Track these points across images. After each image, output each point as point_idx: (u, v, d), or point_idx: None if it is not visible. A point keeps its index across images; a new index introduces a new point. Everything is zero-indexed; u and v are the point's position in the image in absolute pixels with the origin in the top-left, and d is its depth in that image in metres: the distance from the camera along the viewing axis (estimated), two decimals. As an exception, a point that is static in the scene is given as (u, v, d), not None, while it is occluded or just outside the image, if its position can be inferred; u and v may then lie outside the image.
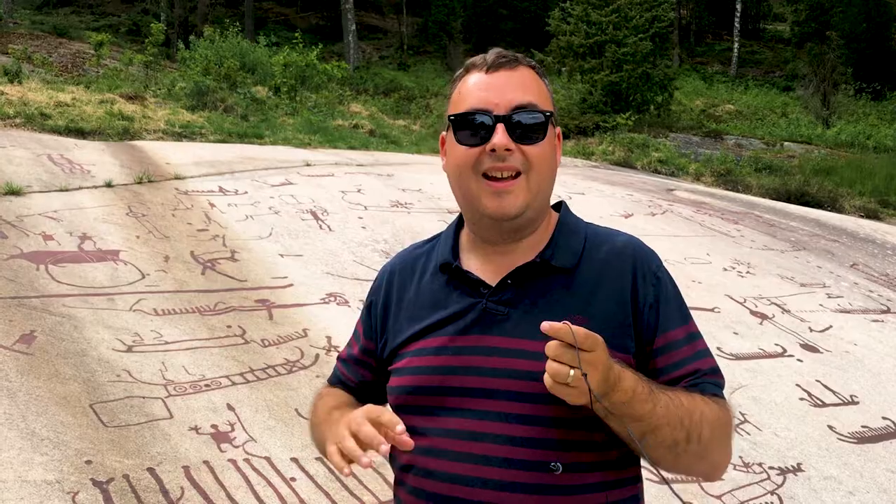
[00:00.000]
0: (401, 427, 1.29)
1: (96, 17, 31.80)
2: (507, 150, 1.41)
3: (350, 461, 1.32)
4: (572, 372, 1.19)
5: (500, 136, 1.41)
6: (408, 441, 1.30)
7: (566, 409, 1.32)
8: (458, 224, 1.59)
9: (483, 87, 1.45)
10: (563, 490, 1.36)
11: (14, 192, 6.37)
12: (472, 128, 1.44)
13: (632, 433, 1.30)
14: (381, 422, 1.32)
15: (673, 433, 1.33)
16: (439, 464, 1.40)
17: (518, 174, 1.43)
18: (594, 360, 1.21)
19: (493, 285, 1.46)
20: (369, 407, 1.36)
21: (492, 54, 1.49)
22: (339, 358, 1.72)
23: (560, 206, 1.59)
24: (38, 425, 3.39)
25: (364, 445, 1.31)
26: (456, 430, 1.40)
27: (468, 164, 1.44)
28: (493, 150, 1.41)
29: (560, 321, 1.21)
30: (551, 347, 1.21)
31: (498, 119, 1.42)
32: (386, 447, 1.28)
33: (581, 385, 1.20)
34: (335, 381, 1.71)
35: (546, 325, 1.20)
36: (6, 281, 4.78)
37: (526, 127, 1.43)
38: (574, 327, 1.19)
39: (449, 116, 1.48)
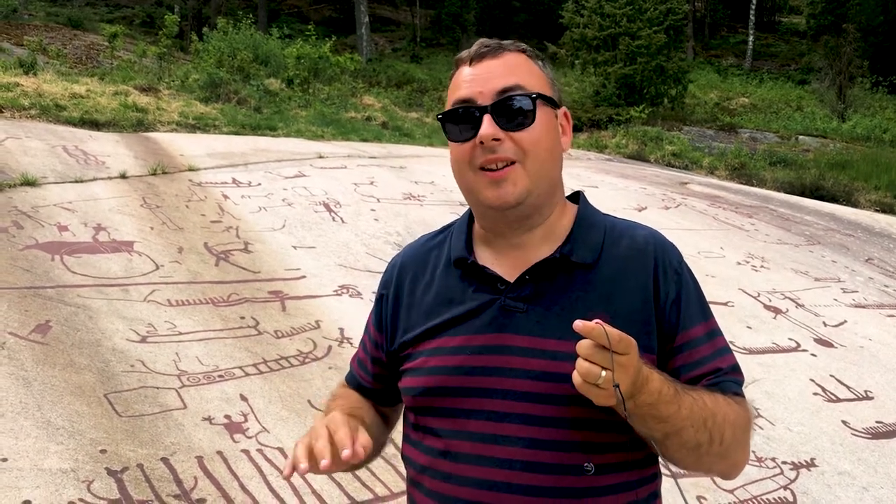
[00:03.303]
0: (347, 453, 1.28)
1: (110, 9, 31.94)
2: (495, 140, 1.36)
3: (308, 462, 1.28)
4: (603, 373, 1.16)
5: (484, 127, 1.36)
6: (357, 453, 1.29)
7: (587, 411, 1.30)
8: (471, 217, 1.54)
9: (467, 79, 1.41)
10: (592, 492, 1.34)
11: (29, 182, 6.41)
12: (460, 122, 1.40)
13: (654, 435, 1.28)
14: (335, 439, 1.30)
15: (696, 435, 1.30)
16: (456, 467, 1.37)
17: (512, 163, 1.38)
18: (626, 363, 1.18)
19: (510, 281, 1.41)
20: (332, 417, 1.35)
21: (475, 45, 1.44)
22: (354, 357, 1.68)
23: (578, 198, 1.53)
24: (53, 414, 3.42)
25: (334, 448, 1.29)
26: (474, 432, 1.36)
27: (464, 160, 1.41)
28: (482, 143, 1.37)
29: (589, 320, 1.17)
30: (584, 347, 1.17)
31: (483, 110, 1.37)
32: (348, 453, 1.27)
33: (611, 387, 1.17)
34: (351, 381, 1.67)
35: (579, 324, 1.16)
36: (22, 271, 4.81)
37: (512, 112, 1.38)
38: (608, 328, 1.15)
39: (437, 116, 1.46)
